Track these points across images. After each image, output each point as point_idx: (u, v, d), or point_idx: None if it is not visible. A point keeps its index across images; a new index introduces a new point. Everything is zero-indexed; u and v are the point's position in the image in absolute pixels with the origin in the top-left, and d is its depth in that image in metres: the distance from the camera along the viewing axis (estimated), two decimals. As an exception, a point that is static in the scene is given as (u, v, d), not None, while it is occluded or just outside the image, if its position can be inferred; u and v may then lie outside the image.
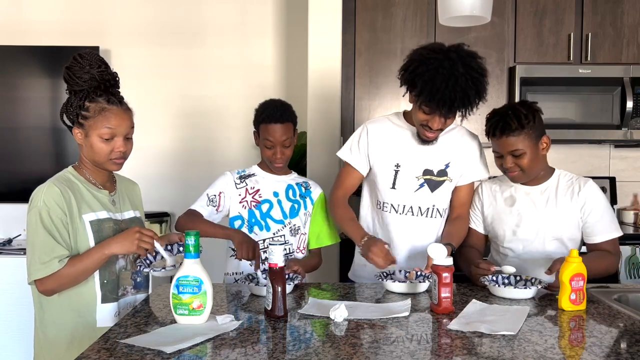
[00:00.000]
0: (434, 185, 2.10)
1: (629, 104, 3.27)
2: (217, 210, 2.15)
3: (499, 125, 1.96)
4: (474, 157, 2.16)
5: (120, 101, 1.73)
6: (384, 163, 2.10)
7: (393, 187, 2.09)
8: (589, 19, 3.38)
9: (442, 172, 2.11)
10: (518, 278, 1.89)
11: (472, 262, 1.98)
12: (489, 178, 2.21)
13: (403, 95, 2.04)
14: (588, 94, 3.37)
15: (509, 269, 1.90)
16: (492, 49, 3.32)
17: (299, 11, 3.58)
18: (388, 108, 3.42)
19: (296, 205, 2.19)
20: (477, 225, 2.19)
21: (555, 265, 1.83)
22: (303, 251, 2.20)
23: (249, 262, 1.99)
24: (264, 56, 3.73)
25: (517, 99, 3.31)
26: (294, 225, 2.17)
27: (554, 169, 2.09)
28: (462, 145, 2.14)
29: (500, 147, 1.99)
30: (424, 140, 2.05)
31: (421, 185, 2.09)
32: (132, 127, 1.75)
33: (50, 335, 1.68)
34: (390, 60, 3.40)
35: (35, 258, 1.61)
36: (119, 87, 1.75)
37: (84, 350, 1.32)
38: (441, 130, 2.01)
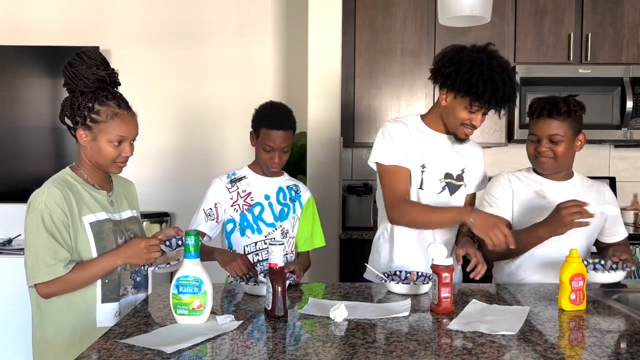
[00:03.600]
0: (453, 189, 2.11)
1: (629, 104, 3.27)
2: (217, 221, 2.15)
3: (546, 107, 1.98)
4: (479, 169, 2.20)
5: (128, 105, 1.72)
6: (412, 162, 2.08)
7: (421, 188, 2.08)
8: (589, 19, 3.38)
9: (460, 177, 2.13)
10: (603, 262, 1.97)
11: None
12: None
13: (437, 88, 2.05)
14: (588, 94, 3.36)
15: (609, 210, 1.95)
16: (492, 49, 3.32)
17: (299, 11, 3.58)
18: (388, 108, 3.43)
19: (286, 209, 2.19)
20: (504, 211, 2.09)
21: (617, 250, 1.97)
22: (292, 254, 2.20)
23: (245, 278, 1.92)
24: (264, 56, 3.73)
25: (517, 99, 3.31)
26: (284, 228, 2.18)
27: (573, 171, 2.12)
28: (472, 154, 2.18)
29: (541, 129, 2.00)
30: (462, 139, 2.08)
31: (443, 188, 2.10)
32: (138, 132, 1.75)
33: (49, 335, 1.68)
34: (390, 60, 3.41)
35: (39, 261, 1.60)
36: (120, 86, 1.75)
37: (84, 350, 1.32)
38: (478, 127, 2.06)
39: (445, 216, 2.00)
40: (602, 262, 1.96)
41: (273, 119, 2.09)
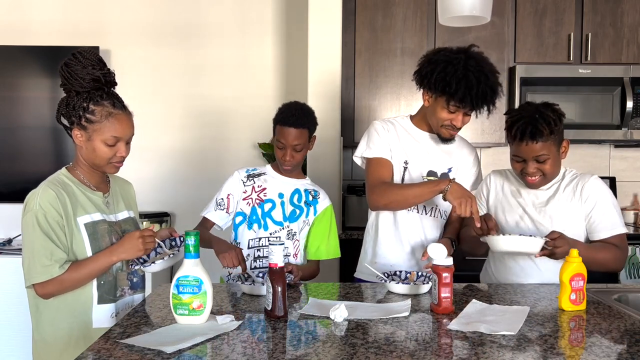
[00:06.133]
0: None
1: (629, 104, 3.27)
2: (227, 212, 2.18)
3: (528, 130, 1.90)
4: (470, 170, 2.21)
5: (123, 105, 1.72)
6: (395, 158, 2.13)
7: (402, 183, 2.12)
8: (589, 19, 3.38)
9: (445, 176, 2.15)
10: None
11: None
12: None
13: (420, 89, 2.07)
14: (588, 94, 3.37)
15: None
16: (492, 49, 3.32)
17: (299, 11, 3.59)
18: (388, 108, 3.43)
19: (297, 211, 2.19)
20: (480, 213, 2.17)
21: (553, 234, 1.86)
22: (296, 257, 2.20)
23: (234, 269, 1.99)
24: (264, 56, 3.73)
25: (517, 99, 3.32)
26: (292, 229, 2.18)
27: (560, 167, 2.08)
28: (462, 155, 2.20)
29: (526, 153, 1.94)
30: (446, 139, 2.10)
31: None
32: (134, 132, 1.75)
33: (47, 336, 1.68)
34: (390, 60, 3.41)
35: (35, 262, 1.60)
36: (116, 86, 1.75)
37: (84, 350, 1.32)
38: (460, 128, 2.07)
39: (422, 189, 1.99)
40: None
41: (286, 116, 2.13)
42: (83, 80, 1.65)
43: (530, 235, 1.87)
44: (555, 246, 1.84)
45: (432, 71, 1.98)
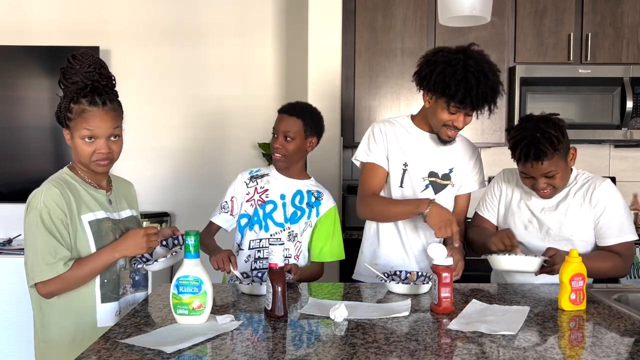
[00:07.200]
0: (438, 188, 2.13)
1: (629, 104, 3.27)
2: (231, 214, 2.19)
3: (532, 153, 1.86)
4: (473, 170, 2.20)
5: (103, 103, 1.69)
6: (394, 160, 2.12)
7: (401, 186, 2.12)
8: (589, 19, 3.38)
9: (446, 176, 2.14)
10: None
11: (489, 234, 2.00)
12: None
13: (421, 91, 2.07)
14: (588, 94, 3.37)
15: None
16: (492, 49, 3.32)
17: (299, 11, 3.58)
18: (388, 108, 3.43)
19: (299, 212, 2.19)
20: (491, 214, 2.17)
21: (549, 251, 1.87)
22: (298, 258, 2.20)
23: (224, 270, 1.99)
24: (264, 56, 3.72)
25: (517, 99, 3.32)
26: (292, 231, 2.18)
27: (571, 169, 2.05)
28: (463, 155, 2.19)
29: (533, 172, 1.91)
30: (445, 141, 2.09)
31: (427, 187, 2.12)
32: (117, 128, 1.72)
33: (51, 336, 1.68)
34: (390, 60, 3.41)
35: (38, 260, 1.60)
36: (112, 88, 1.74)
37: (84, 350, 1.32)
38: (461, 128, 2.05)
39: (404, 208, 2.01)
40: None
41: (285, 105, 2.20)
42: (69, 81, 1.69)
43: (528, 255, 1.89)
44: (553, 263, 1.84)
45: (431, 72, 1.97)
